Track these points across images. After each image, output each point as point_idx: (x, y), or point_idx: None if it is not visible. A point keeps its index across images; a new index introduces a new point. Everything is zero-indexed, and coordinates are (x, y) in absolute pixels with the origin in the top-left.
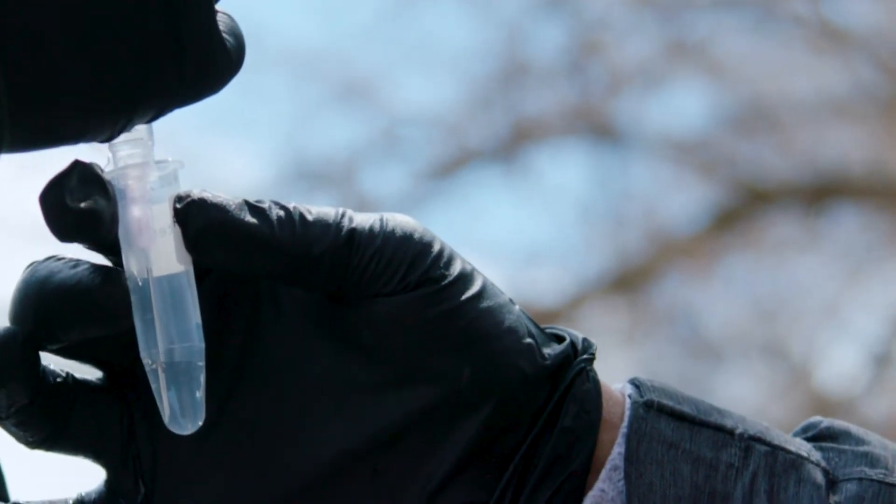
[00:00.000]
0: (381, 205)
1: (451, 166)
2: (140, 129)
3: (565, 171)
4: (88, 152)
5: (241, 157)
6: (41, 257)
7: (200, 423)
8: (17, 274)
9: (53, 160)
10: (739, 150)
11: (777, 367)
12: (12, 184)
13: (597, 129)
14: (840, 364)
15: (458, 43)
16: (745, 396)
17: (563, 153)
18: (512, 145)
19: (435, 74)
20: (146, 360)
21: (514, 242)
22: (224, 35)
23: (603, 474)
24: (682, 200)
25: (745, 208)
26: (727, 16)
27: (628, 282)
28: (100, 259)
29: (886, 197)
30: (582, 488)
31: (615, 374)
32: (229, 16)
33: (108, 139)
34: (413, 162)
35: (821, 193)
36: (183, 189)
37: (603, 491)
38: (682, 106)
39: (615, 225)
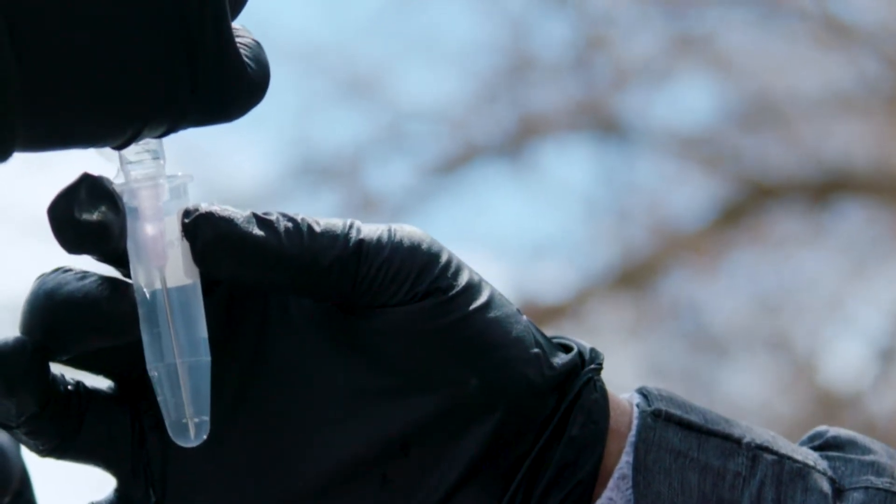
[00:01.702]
0: (386, 200)
1: (457, 161)
2: (151, 143)
3: (570, 167)
4: (98, 165)
5: (245, 151)
6: (50, 269)
7: (205, 436)
8: (16, 266)
9: (56, 156)
10: (744, 145)
11: (782, 361)
12: (14, 179)
13: (602, 124)
14: (845, 359)
15: (464, 37)
16: (749, 391)
17: (569, 148)
18: (517, 140)
19: (440, 69)
20: (152, 373)
21: (519, 237)
22: (246, 59)
23: (611, 483)
24: (687, 195)
25: (750, 203)
26: (732, 11)
27: (633, 277)
28: (108, 270)
29: (891, 192)
30: (589, 497)
31: (620, 370)
32: (257, 42)
33: (119, 147)
34: (418, 157)
35: (826, 188)
36: (192, 202)
37: (611, 500)
38: (688, 101)
39: (620, 220)
